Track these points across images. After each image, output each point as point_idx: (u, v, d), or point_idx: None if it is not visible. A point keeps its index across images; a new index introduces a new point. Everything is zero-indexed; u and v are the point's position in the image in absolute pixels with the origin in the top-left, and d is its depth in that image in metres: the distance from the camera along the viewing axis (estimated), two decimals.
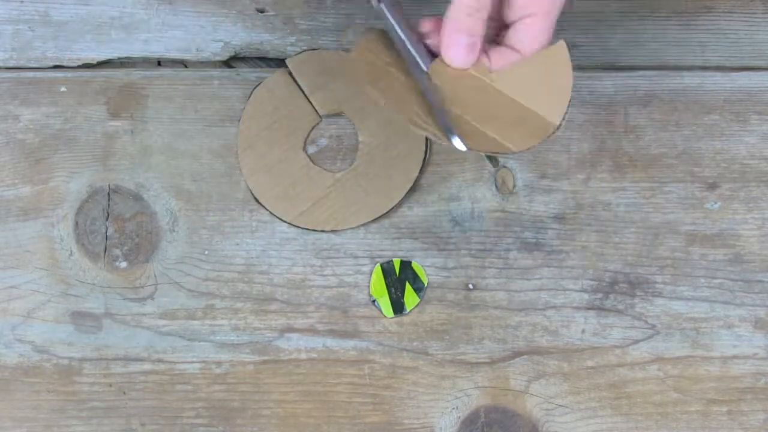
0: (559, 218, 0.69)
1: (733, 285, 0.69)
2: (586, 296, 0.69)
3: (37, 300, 0.68)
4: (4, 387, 0.67)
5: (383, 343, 0.68)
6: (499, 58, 0.62)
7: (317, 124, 0.70)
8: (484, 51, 0.62)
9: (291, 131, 0.70)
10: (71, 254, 0.69)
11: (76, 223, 0.69)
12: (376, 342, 0.68)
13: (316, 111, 0.70)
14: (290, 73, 0.71)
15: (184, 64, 0.72)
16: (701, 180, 0.70)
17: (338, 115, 0.71)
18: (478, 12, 0.59)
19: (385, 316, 0.68)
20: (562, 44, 0.62)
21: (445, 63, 0.62)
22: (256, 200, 0.69)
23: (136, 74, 0.71)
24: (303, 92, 0.71)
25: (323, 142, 0.70)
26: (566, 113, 0.62)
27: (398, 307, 0.68)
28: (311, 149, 0.70)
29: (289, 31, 0.72)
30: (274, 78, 0.71)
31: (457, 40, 0.61)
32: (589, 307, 0.68)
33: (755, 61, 0.72)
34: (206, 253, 0.69)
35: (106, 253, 0.69)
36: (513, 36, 0.61)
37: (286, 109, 0.70)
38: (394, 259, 0.68)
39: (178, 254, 0.69)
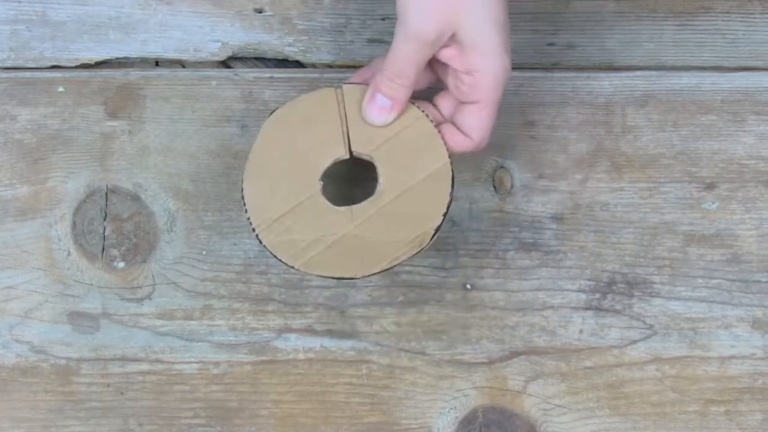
0: (557, 218, 0.69)
1: (730, 285, 0.69)
2: (583, 296, 0.69)
3: (34, 300, 0.68)
4: (1, 387, 0.67)
5: (381, 343, 0.68)
6: (449, 135, 0.63)
7: (340, 160, 0.64)
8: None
9: (307, 166, 0.63)
10: (69, 254, 0.69)
11: (74, 224, 0.69)
12: (374, 342, 0.68)
13: (349, 147, 0.63)
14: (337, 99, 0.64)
15: (181, 64, 0.72)
16: (699, 180, 0.70)
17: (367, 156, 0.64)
18: (399, 78, 0.62)
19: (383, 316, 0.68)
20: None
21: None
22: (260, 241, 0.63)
23: (133, 74, 0.71)
24: (345, 123, 0.64)
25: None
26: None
27: None
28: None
29: (286, 31, 0.72)
30: (316, 96, 0.64)
31: (376, 100, 0.63)
32: (587, 308, 0.68)
33: (753, 61, 0.72)
34: (204, 253, 0.69)
35: (104, 253, 0.69)
36: (461, 118, 0.63)
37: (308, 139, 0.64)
38: None
39: (176, 254, 0.69)
